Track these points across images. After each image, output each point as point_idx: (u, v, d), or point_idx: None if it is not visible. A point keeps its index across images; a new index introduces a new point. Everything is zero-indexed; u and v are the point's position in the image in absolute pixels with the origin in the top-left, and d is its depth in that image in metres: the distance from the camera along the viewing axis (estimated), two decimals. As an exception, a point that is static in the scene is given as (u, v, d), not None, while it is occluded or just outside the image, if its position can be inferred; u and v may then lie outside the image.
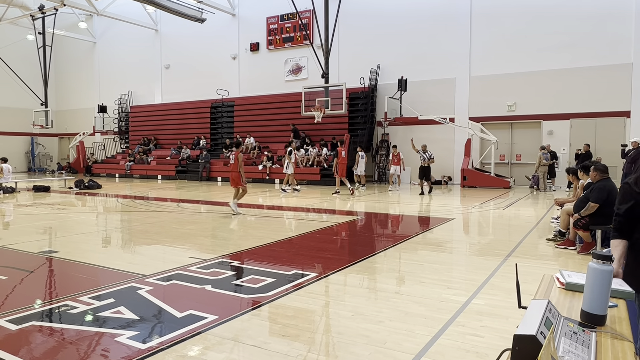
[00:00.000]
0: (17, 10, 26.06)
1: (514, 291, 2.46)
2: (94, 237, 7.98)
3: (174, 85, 27.27)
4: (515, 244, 7.01)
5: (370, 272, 5.58)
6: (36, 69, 27.75)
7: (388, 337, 3.49)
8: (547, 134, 17.79)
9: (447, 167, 19.42)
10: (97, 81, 31.03)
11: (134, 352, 3.25)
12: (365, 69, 20.41)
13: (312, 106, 18.76)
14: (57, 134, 33.21)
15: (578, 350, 1.51)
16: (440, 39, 19.30)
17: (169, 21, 26.22)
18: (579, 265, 5.73)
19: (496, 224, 9.60)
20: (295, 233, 8.22)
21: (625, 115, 16.45)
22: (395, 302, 4.31)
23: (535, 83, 17.73)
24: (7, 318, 3.93)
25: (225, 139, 24.22)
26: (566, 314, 1.90)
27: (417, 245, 7.00)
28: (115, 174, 25.96)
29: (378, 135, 20.72)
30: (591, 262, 1.87)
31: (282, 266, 5.73)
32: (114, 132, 29.12)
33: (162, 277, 5.23)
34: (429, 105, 19.28)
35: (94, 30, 30.96)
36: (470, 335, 3.51)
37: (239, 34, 24.66)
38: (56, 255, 6.42)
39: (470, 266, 5.90)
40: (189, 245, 7.12)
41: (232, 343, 3.42)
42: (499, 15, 18.24)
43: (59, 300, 4.49)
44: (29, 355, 3.24)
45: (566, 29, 17.02)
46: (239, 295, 4.59)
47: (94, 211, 11.82)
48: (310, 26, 21.63)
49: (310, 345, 3.38)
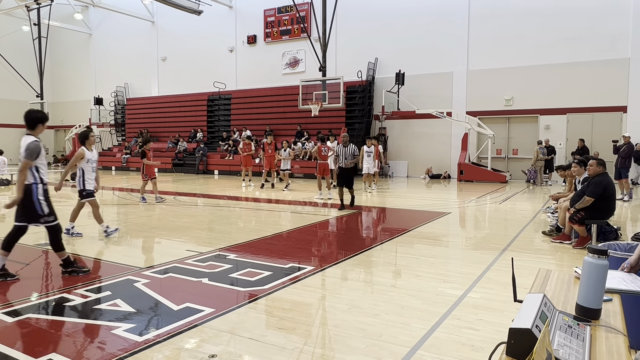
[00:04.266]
0: (11, 1, 25.82)
1: (509, 285, 2.47)
2: (90, 229, 7.96)
3: (171, 77, 27.13)
4: (511, 238, 7.03)
5: (366, 265, 5.60)
6: (31, 61, 27.54)
7: (384, 330, 3.51)
8: (544, 129, 17.82)
9: (444, 162, 19.45)
10: (93, 73, 30.82)
11: (131, 345, 3.25)
12: (363, 62, 20.35)
13: (310, 99, 18.71)
14: (53, 127, 33.02)
15: (573, 343, 1.52)
16: (438, 33, 19.24)
17: (166, 13, 26.02)
18: (574, 260, 5.76)
19: (492, 218, 9.63)
20: (292, 226, 8.22)
21: (622, 110, 16.49)
22: (391, 296, 4.33)
23: (532, 78, 17.72)
24: (3, 311, 3.93)
25: (222, 132, 24.16)
26: (561, 307, 1.91)
27: (413, 239, 7.02)
28: (111, 166, 25.87)
29: (375, 129, 20.69)
30: (587, 256, 1.87)
31: (279, 259, 5.74)
32: (110, 125, 28.97)
33: (159, 269, 5.23)
34: (427, 99, 19.26)
35: (90, 21, 30.70)
36: (465, 329, 3.53)
37: (236, 26, 24.51)
38: (52, 247, 6.39)
39: (466, 260, 5.92)
40: (185, 238, 7.12)
41: (229, 336, 3.43)
42: (497, 10, 18.19)
43: (55, 292, 4.49)
44: (25, 348, 3.24)
45: (564, 24, 17.00)
46: (236, 288, 4.60)
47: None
48: (307, 19, 21.53)
49: (307, 338, 3.39)
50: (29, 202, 4.80)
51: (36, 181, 4.84)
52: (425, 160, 19.83)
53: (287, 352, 3.15)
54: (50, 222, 4.96)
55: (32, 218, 4.88)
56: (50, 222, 4.95)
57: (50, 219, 4.94)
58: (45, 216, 4.90)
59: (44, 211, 4.88)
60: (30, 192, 4.80)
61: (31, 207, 4.83)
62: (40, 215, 4.87)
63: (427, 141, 19.98)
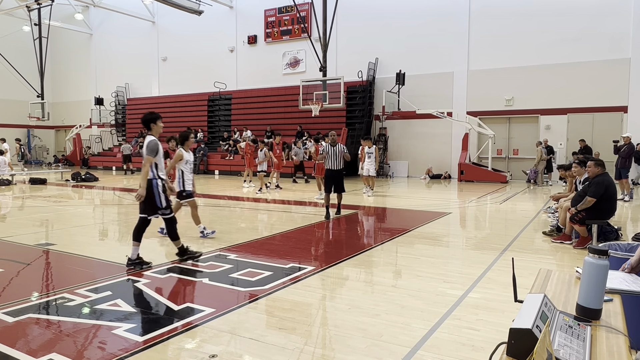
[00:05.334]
0: (12, 1, 25.82)
1: (510, 285, 2.47)
2: (91, 229, 7.97)
3: (171, 77, 27.13)
4: (511, 238, 7.03)
5: (366, 265, 5.60)
6: (32, 61, 27.54)
7: (384, 330, 3.51)
8: (545, 129, 17.81)
9: (444, 162, 19.44)
10: (94, 73, 30.84)
11: (131, 345, 3.25)
12: (364, 62, 20.35)
13: (310, 100, 18.70)
14: (54, 126, 33.05)
15: (573, 343, 1.52)
16: (438, 33, 19.23)
17: (166, 13, 26.04)
18: (575, 260, 5.76)
19: (493, 218, 9.63)
20: (293, 227, 8.22)
21: (622, 111, 16.47)
22: (391, 296, 4.33)
23: (533, 78, 17.71)
24: (4, 310, 3.93)
25: (223, 132, 24.16)
26: (562, 307, 1.91)
27: (414, 239, 7.02)
28: (112, 166, 25.87)
29: (376, 130, 20.69)
30: (587, 256, 1.87)
31: (279, 259, 5.74)
32: (111, 125, 28.98)
33: (159, 270, 5.23)
34: (427, 99, 19.25)
35: (91, 21, 30.72)
36: (466, 329, 3.52)
37: (236, 26, 24.52)
38: (53, 247, 6.41)
39: (467, 260, 5.92)
40: (186, 238, 7.10)
41: (229, 336, 3.43)
42: (497, 9, 18.18)
43: (55, 292, 4.49)
44: (26, 347, 3.24)
45: (565, 24, 16.99)
46: (236, 288, 4.60)
47: (90, 204, 11.79)
48: (308, 19, 21.53)
49: (307, 338, 3.39)
50: (150, 195, 5.28)
51: (155, 177, 5.31)
52: (425, 160, 19.82)
53: (287, 352, 3.15)
54: (167, 214, 5.47)
55: (152, 210, 5.36)
56: (167, 215, 5.47)
57: (167, 211, 5.45)
58: (163, 209, 5.39)
59: (162, 204, 5.37)
60: (151, 186, 5.28)
61: (152, 201, 5.31)
62: (159, 207, 5.37)
63: (427, 141, 19.97)
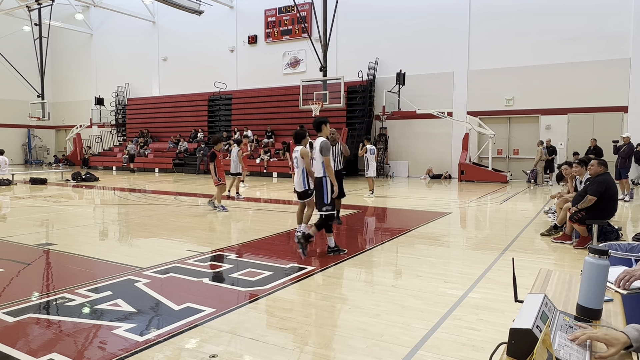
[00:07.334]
0: (12, 1, 25.83)
1: (510, 285, 2.47)
2: (91, 229, 7.97)
3: (172, 77, 27.14)
4: (511, 238, 7.03)
5: (367, 265, 5.60)
6: (32, 61, 27.56)
7: (385, 330, 3.51)
8: (545, 129, 17.80)
9: (444, 162, 19.44)
10: (94, 73, 30.85)
11: (132, 345, 3.25)
12: (364, 62, 20.35)
13: (310, 99, 18.72)
14: (54, 126, 33.07)
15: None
16: (439, 33, 19.24)
17: (167, 13, 26.05)
18: (575, 260, 5.76)
19: (493, 218, 9.63)
20: (293, 226, 8.22)
21: (622, 111, 16.47)
22: (392, 296, 4.33)
23: (533, 78, 17.71)
24: (4, 310, 3.93)
25: (223, 132, 24.15)
26: (562, 307, 1.91)
27: (414, 239, 7.02)
28: (112, 166, 25.89)
29: (376, 129, 20.70)
30: (587, 256, 1.87)
31: (279, 259, 5.74)
32: (111, 125, 29.00)
33: (160, 269, 5.23)
34: (427, 99, 19.25)
35: (91, 21, 30.73)
36: (466, 329, 3.52)
37: (236, 26, 24.52)
38: (53, 247, 6.41)
39: (467, 260, 5.92)
40: (186, 238, 7.12)
41: (230, 336, 3.43)
42: (497, 9, 18.18)
43: (56, 292, 4.49)
44: (26, 347, 3.24)
45: (565, 24, 16.99)
46: (236, 288, 4.60)
47: (91, 204, 11.80)
48: (308, 19, 21.54)
49: (308, 338, 3.39)
50: (321, 192, 5.70)
51: (325, 174, 5.70)
52: (426, 160, 19.82)
53: (287, 352, 3.15)
54: (329, 210, 5.81)
55: (319, 206, 5.72)
56: (328, 211, 5.80)
57: (329, 207, 5.79)
58: (327, 205, 5.76)
59: (328, 201, 5.73)
60: (321, 184, 5.67)
61: (321, 197, 5.73)
62: (325, 204, 5.72)
63: (427, 141, 19.97)
